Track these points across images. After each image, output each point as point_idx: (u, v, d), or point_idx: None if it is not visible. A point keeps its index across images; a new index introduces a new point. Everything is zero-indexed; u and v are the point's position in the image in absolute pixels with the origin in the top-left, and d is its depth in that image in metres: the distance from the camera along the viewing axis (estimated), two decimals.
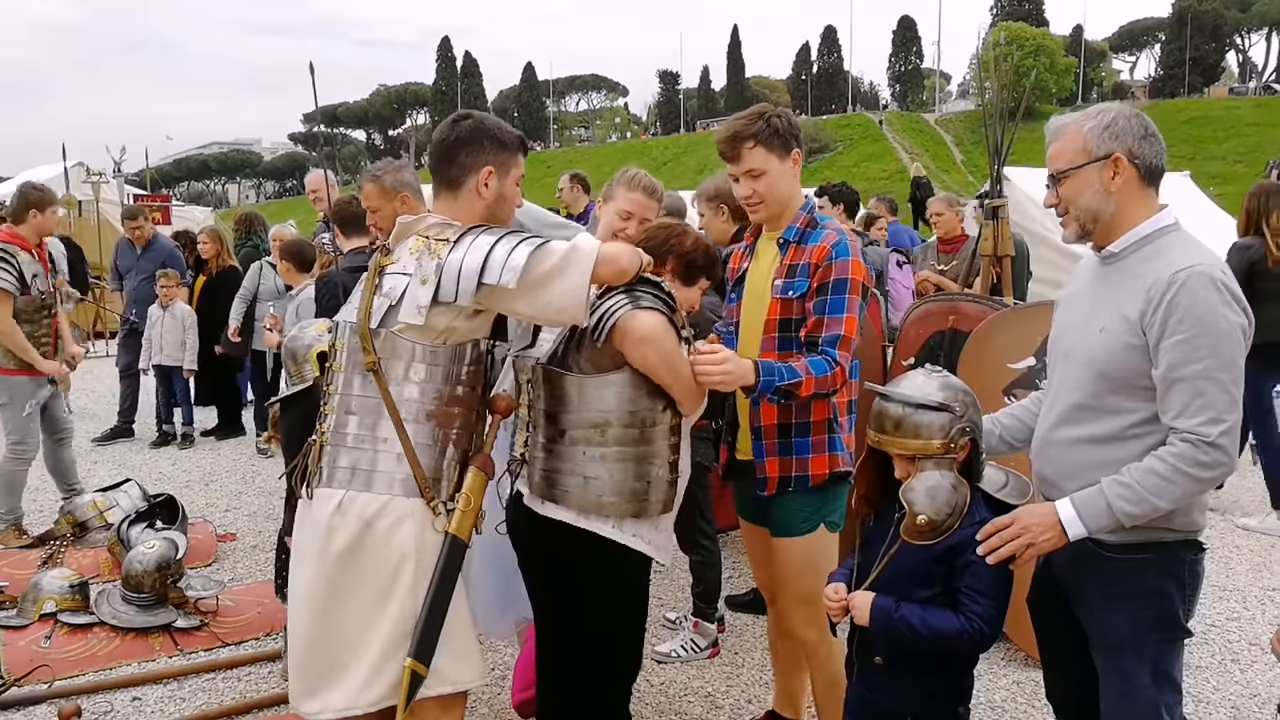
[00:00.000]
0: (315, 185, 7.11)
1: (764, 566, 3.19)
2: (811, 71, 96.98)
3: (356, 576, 2.28)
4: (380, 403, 2.28)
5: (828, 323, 2.73)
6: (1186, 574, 2.28)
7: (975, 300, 4.68)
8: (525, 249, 2.19)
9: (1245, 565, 5.26)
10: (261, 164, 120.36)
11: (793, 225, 2.88)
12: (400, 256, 2.33)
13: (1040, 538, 2.20)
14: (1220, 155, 52.39)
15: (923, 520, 2.24)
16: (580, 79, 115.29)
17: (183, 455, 7.92)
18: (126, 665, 4.11)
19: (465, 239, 2.25)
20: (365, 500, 2.27)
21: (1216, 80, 79.70)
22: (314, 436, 2.42)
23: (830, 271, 2.76)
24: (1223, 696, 3.83)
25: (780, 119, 2.84)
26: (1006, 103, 5.63)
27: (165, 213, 15.71)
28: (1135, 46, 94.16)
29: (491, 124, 2.47)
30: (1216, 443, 2.09)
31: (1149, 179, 2.26)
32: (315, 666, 2.35)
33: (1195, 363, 2.08)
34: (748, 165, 2.84)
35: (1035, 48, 66.16)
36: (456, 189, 2.43)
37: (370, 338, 2.29)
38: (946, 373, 2.41)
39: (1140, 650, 2.27)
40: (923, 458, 2.29)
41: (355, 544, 2.26)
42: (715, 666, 4.08)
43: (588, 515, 2.41)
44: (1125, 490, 2.15)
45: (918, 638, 2.23)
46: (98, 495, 5.75)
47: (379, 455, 2.29)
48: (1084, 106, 2.45)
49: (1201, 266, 2.11)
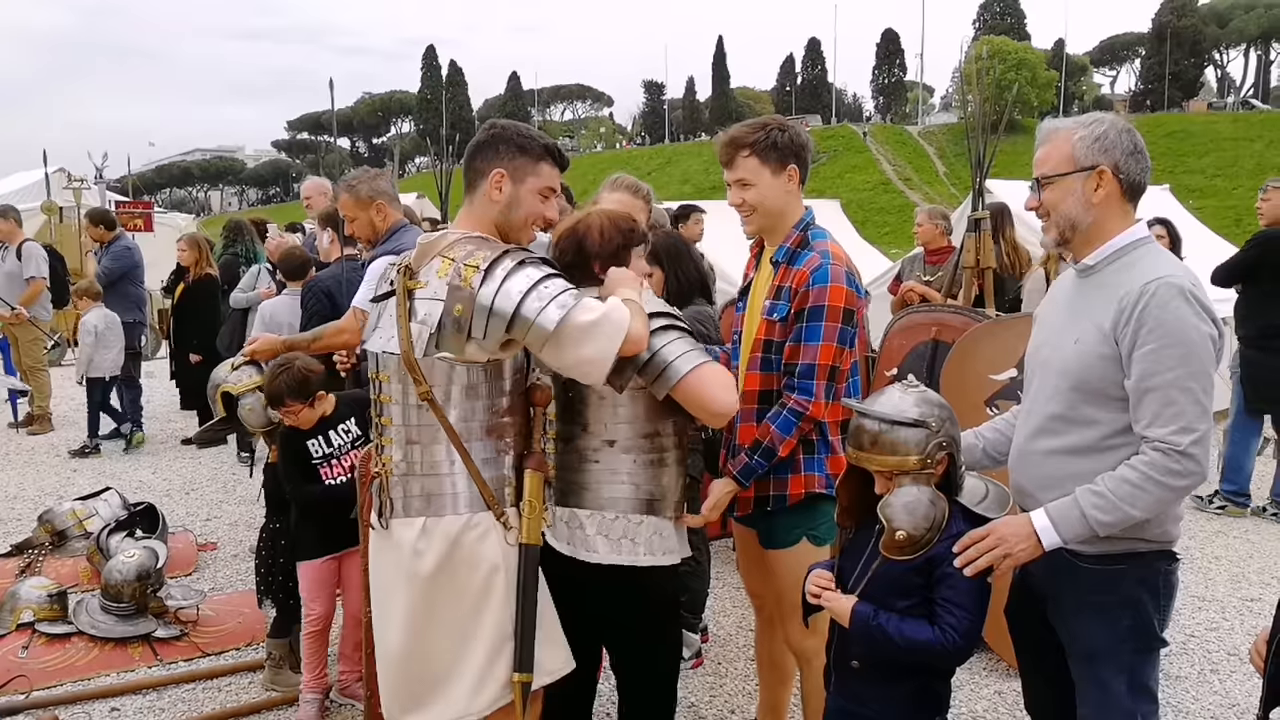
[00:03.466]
0: (310, 192, 7.12)
1: (754, 572, 3.19)
2: (796, 83, 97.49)
3: (449, 593, 2.30)
4: (439, 429, 2.29)
5: (803, 351, 2.72)
6: (1161, 584, 2.30)
7: (958, 311, 4.71)
8: (556, 311, 2.18)
9: (1224, 576, 5.30)
10: (244, 171, 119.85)
11: (784, 245, 2.86)
12: (428, 280, 2.29)
13: (1016, 549, 2.22)
14: (1199, 169, 53.01)
15: (901, 536, 2.25)
16: (565, 89, 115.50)
17: (163, 464, 7.87)
18: (105, 675, 4.08)
19: (495, 272, 2.22)
20: (448, 521, 2.30)
21: (1195, 95, 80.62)
22: (376, 468, 2.43)
23: (808, 298, 2.73)
24: (1202, 707, 3.86)
25: (783, 133, 2.81)
26: (989, 116, 5.67)
27: (147, 219, 15.61)
28: (1116, 61, 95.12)
29: (513, 130, 2.45)
30: (1187, 451, 2.11)
31: (1130, 195, 2.29)
32: (415, 684, 2.37)
33: (1166, 372, 2.11)
34: (739, 174, 2.84)
35: (1017, 61, 66.79)
36: (473, 192, 2.44)
37: (418, 368, 2.27)
38: (924, 388, 2.41)
39: (1117, 660, 2.29)
40: (900, 474, 2.28)
41: (444, 563, 2.29)
42: (699, 677, 4.08)
43: (617, 542, 2.47)
44: (1099, 499, 2.17)
45: (893, 646, 2.25)
46: (77, 504, 5.70)
47: (449, 479, 2.31)
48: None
49: (1172, 278, 2.14)
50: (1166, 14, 79.80)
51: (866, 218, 46.19)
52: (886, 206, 55.82)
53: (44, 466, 7.79)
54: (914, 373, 4.54)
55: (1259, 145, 56.02)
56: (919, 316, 4.80)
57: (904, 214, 47.88)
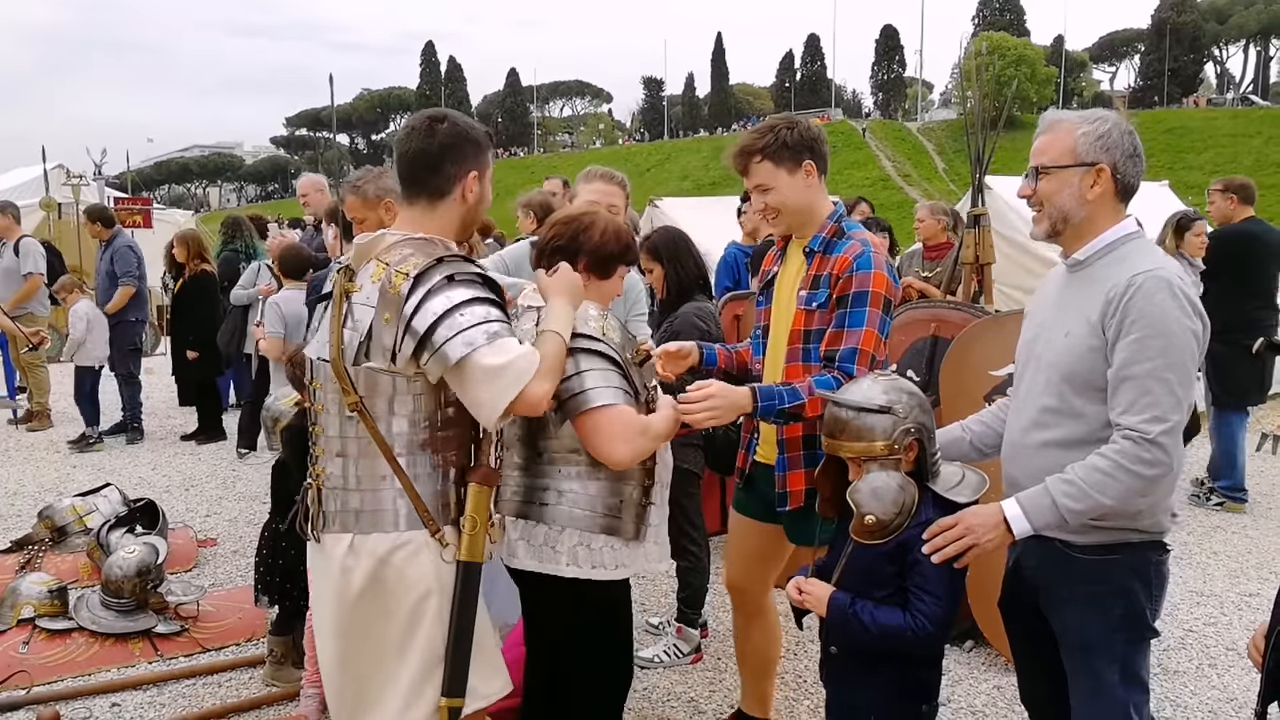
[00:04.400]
0: (306, 189, 7.11)
1: (753, 568, 3.19)
2: (795, 79, 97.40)
3: (378, 613, 2.21)
4: (371, 441, 2.17)
5: (845, 336, 2.71)
6: (1153, 574, 2.32)
7: (958, 307, 4.71)
8: (462, 348, 2.05)
9: (1222, 571, 5.31)
10: (243, 167, 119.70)
11: (818, 235, 2.86)
12: (364, 284, 2.19)
13: (984, 538, 2.24)
14: (1198, 165, 52.93)
15: (870, 520, 2.29)
16: (564, 84, 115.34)
17: (163, 460, 7.87)
18: (106, 671, 4.08)
19: (421, 286, 2.09)
20: (376, 539, 2.19)
21: (1195, 91, 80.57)
22: (309, 480, 2.34)
23: (851, 284, 2.73)
24: (1200, 701, 3.87)
25: (791, 131, 2.81)
26: (988, 112, 5.68)
27: (146, 215, 15.60)
28: (1115, 57, 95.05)
29: (465, 124, 2.31)
30: (1157, 440, 2.13)
31: (1123, 196, 2.32)
32: (349, 696, 2.32)
33: (1145, 361, 2.14)
34: (756, 180, 2.84)
35: (1017, 57, 66.73)
36: (439, 199, 2.28)
37: (348, 376, 2.16)
38: (895, 376, 2.46)
39: (1109, 650, 2.31)
40: (868, 459, 2.34)
41: (373, 581, 2.19)
42: (698, 672, 4.09)
43: (557, 554, 2.43)
44: (1069, 487, 2.19)
45: (868, 633, 2.29)
46: (77, 500, 5.70)
47: (380, 494, 2.20)
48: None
49: (1159, 271, 2.17)
50: (1166, 10, 79.78)
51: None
52: (886, 203, 55.59)
53: (43, 462, 7.79)
54: (913, 369, 4.58)
55: (1258, 141, 56.02)
56: (918, 313, 4.80)
57: (903, 210, 47.79)
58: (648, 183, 58.36)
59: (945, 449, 2.60)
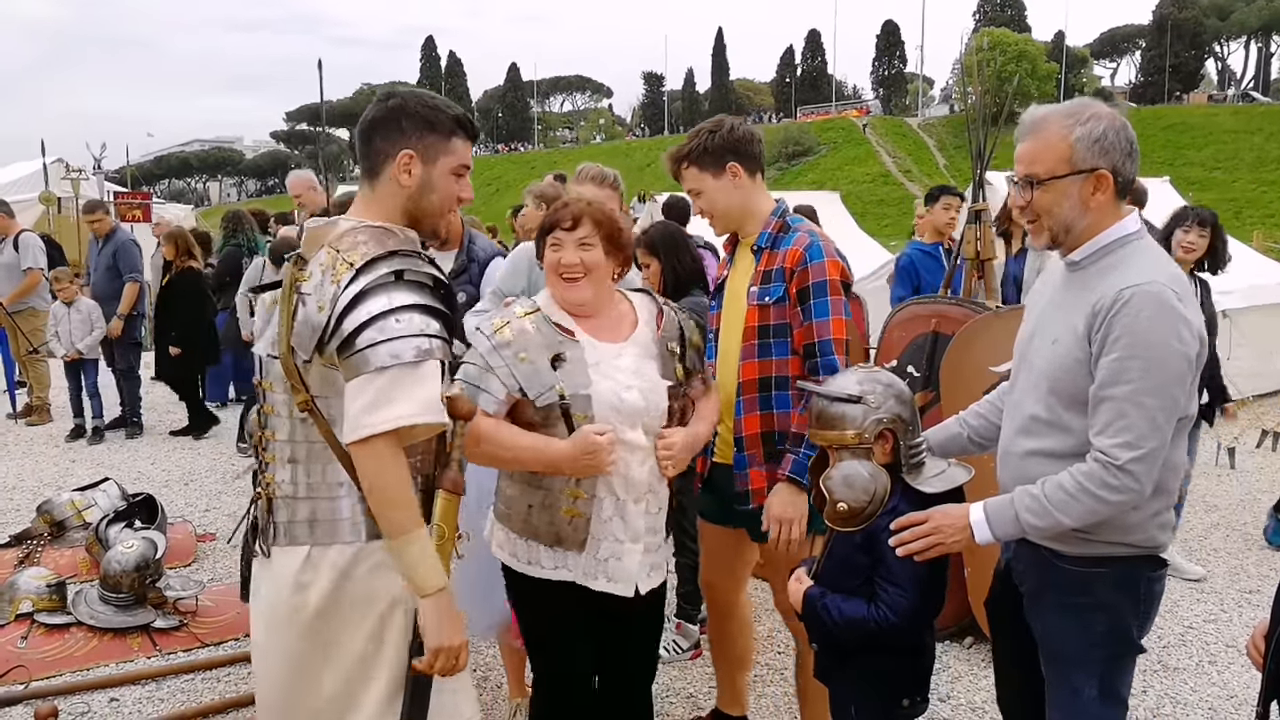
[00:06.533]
0: (298, 188, 7.08)
1: (722, 566, 3.21)
2: (795, 74, 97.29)
3: (339, 630, 2.02)
4: (325, 445, 1.98)
5: (816, 328, 2.75)
6: (1142, 591, 2.24)
7: (958, 303, 4.70)
8: (387, 358, 1.86)
9: (1223, 568, 5.30)
10: (243, 162, 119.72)
11: (764, 231, 2.89)
12: (313, 272, 1.99)
13: (950, 538, 2.24)
14: (1199, 161, 52.93)
15: (842, 507, 2.32)
16: (565, 80, 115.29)
17: (162, 454, 7.86)
18: (104, 666, 4.08)
19: (360, 279, 1.91)
20: (336, 550, 2.01)
21: (1196, 87, 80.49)
22: (258, 488, 2.14)
23: (807, 275, 2.76)
24: (1200, 698, 3.86)
25: (714, 136, 2.84)
26: (989, 108, 5.66)
27: (146, 210, 15.60)
28: (1116, 53, 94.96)
29: (415, 103, 2.10)
30: (1126, 467, 2.04)
31: (1123, 193, 2.21)
32: None
33: (1125, 384, 2.04)
34: (687, 185, 2.94)
35: (1017, 53, 66.61)
36: (375, 179, 2.10)
37: (298, 373, 1.97)
38: (877, 369, 2.49)
39: (1088, 665, 2.25)
40: (840, 448, 2.37)
41: (333, 597, 2.00)
42: (697, 667, 4.08)
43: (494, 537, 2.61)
44: (1033, 503, 2.15)
45: (835, 626, 2.33)
46: (75, 494, 5.70)
47: (337, 503, 2.01)
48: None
49: (1150, 285, 2.05)
50: (1167, 6, 79.70)
51: (866, 210, 46.12)
52: (886, 199, 55.76)
53: (42, 457, 7.78)
54: (914, 365, 4.56)
55: (1259, 138, 55.97)
56: (918, 308, 4.79)
57: (903, 206, 47.87)
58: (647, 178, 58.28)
59: (943, 445, 2.60)
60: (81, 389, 8.29)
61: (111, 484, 5.81)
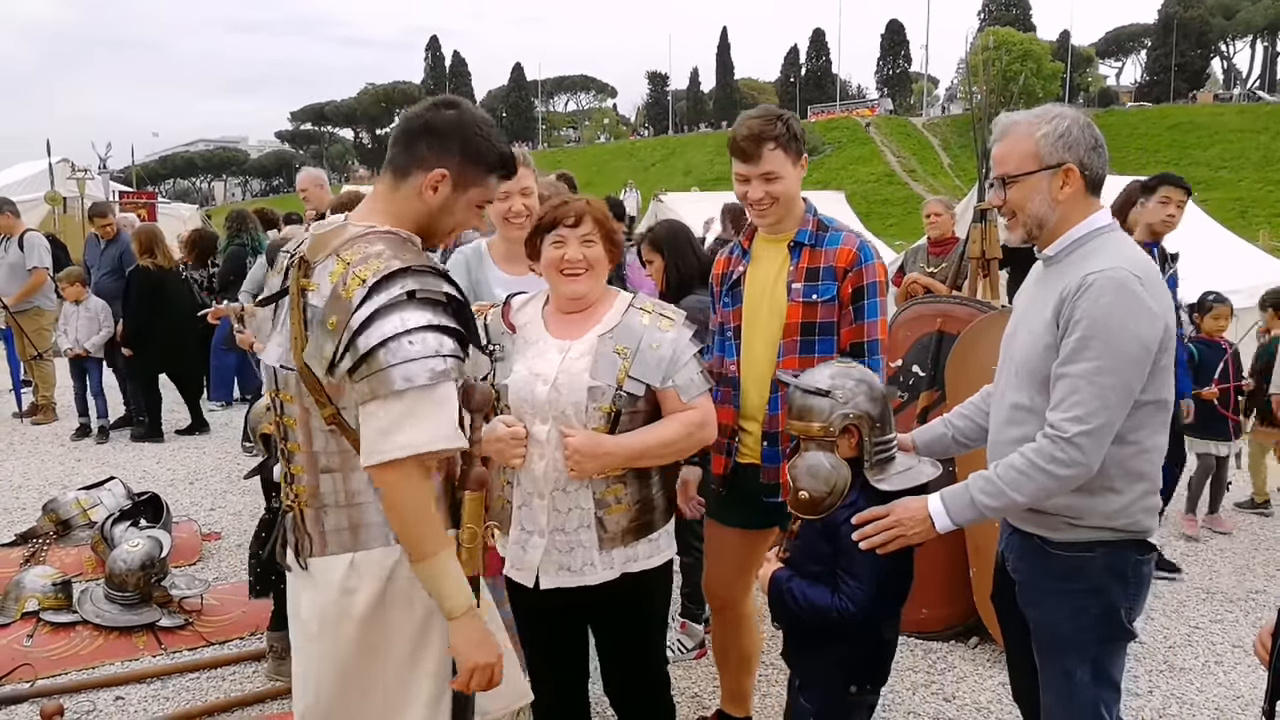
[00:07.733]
0: (306, 184, 7.10)
1: (732, 573, 3.19)
2: (800, 74, 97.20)
3: (387, 631, 2.03)
4: (354, 454, 1.95)
5: (867, 328, 2.80)
6: (1131, 574, 2.29)
7: (963, 303, 4.70)
8: (401, 382, 1.85)
9: (1229, 568, 5.29)
10: (248, 162, 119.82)
11: (804, 229, 2.88)
12: (321, 281, 1.94)
13: (910, 530, 2.30)
14: (1205, 161, 52.76)
15: (804, 496, 2.40)
16: (569, 79, 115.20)
17: (167, 454, 7.87)
18: (110, 664, 4.09)
19: (374, 298, 1.86)
20: (380, 553, 2.00)
21: (1202, 87, 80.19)
22: (287, 500, 2.12)
23: (862, 276, 2.80)
24: (1206, 699, 3.85)
25: (796, 123, 2.84)
26: (994, 107, 5.64)
27: (151, 210, 15.63)
28: (1122, 52, 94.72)
29: (473, 127, 2.06)
30: (1073, 440, 2.11)
31: (1093, 189, 2.29)
32: None
33: (1081, 362, 2.13)
34: (766, 167, 2.79)
35: (1023, 52, 66.43)
36: (401, 180, 2.06)
37: (320, 387, 1.94)
38: (852, 364, 2.55)
39: (1080, 648, 2.30)
40: (806, 439, 2.44)
41: (379, 601, 2.00)
42: (702, 667, 4.08)
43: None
44: (986, 484, 2.23)
45: (800, 608, 2.41)
46: (81, 493, 5.71)
47: (372, 507, 2.00)
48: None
49: (1114, 271, 2.13)
50: (1173, 5, 79.43)
51: (871, 209, 46.02)
52: (891, 198, 55.61)
53: (48, 456, 7.80)
54: (919, 364, 4.56)
55: (1265, 137, 55.73)
56: (924, 308, 4.79)
57: (908, 205, 47.77)
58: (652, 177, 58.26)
59: (929, 446, 2.66)
60: (86, 388, 8.31)
61: (117, 483, 5.82)
